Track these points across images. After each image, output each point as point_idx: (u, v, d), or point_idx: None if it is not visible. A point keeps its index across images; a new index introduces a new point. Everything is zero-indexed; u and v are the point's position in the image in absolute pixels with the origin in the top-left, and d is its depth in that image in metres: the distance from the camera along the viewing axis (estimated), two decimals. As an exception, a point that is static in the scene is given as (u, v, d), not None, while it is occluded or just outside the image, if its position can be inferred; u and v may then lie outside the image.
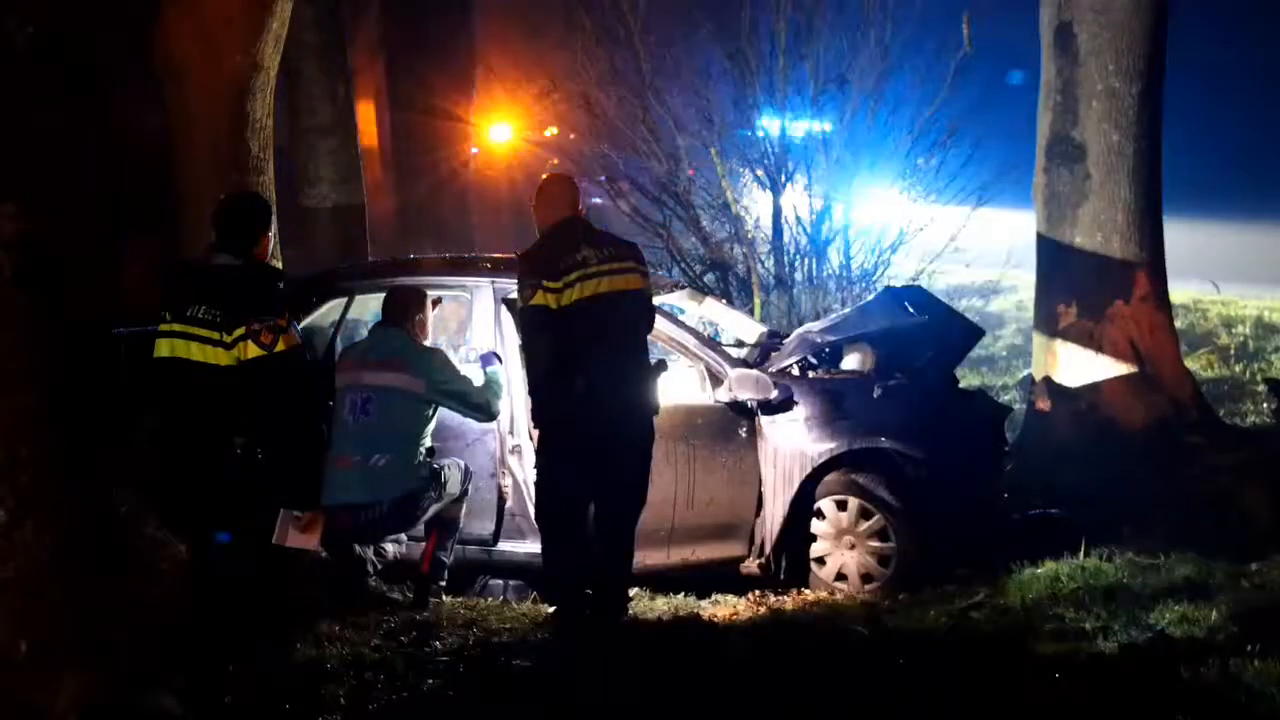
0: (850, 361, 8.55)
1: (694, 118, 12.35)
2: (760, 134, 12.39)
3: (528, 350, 6.94)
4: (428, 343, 7.78)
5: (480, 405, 7.63)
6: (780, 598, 8.04)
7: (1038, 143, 10.88)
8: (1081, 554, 8.09)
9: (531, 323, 6.82)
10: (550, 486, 7.00)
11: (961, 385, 9.36)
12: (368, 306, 8.81)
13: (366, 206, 12.05)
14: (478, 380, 7.69)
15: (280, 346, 5.76)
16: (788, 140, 12.27)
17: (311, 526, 5.85)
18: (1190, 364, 12.14)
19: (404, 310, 7.74)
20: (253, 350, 5.73)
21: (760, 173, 12.30)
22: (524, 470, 7.97)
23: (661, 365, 7.16)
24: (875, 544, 8.10)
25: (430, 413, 7.60)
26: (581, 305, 6.71)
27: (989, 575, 7.99)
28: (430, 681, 6.32)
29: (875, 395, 8.16)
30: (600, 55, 12.32)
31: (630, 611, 7.39)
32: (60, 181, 4.38)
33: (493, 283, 8.31)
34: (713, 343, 8.57)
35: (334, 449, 7.41)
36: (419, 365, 7.53)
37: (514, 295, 7.04)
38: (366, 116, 25.77)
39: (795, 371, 8.42)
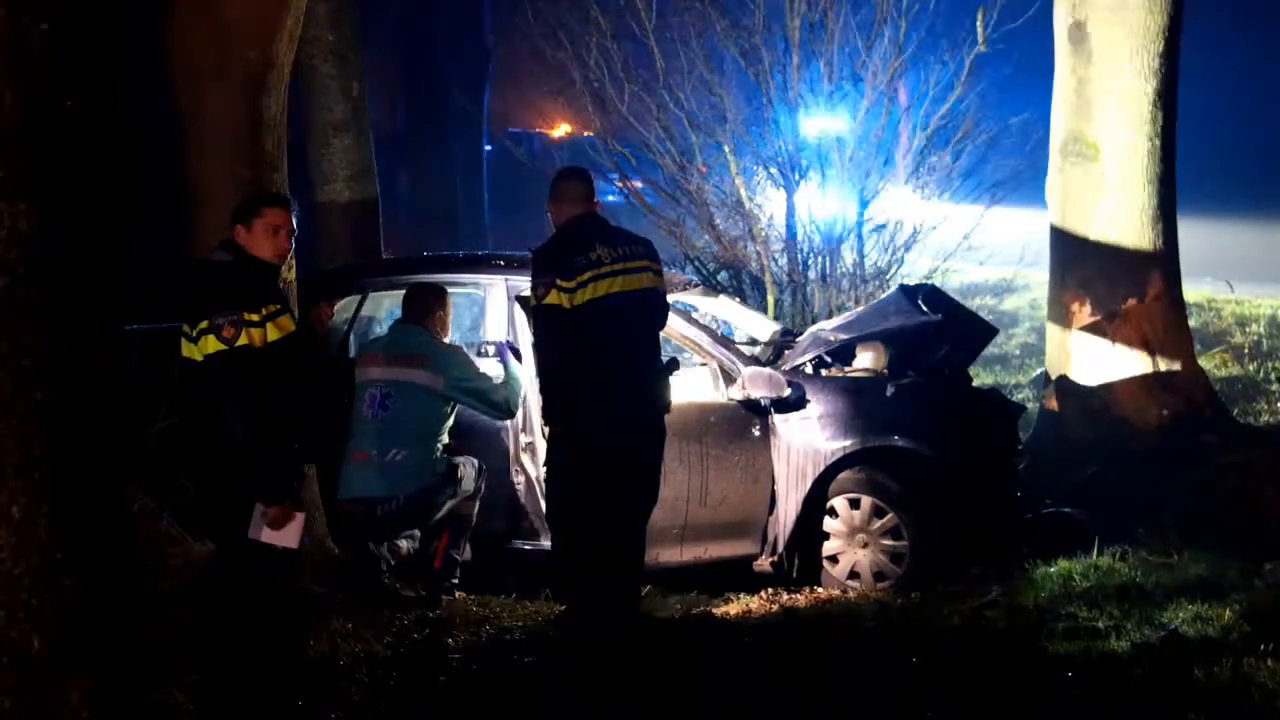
0: (863, 360, 8.55)
1: (707, 115, 12.34)
2: (774, 131, 12.37)
3: (540, 349, 6.89)
4: (448, 340, 7.80)
5: (499, 403, 7.62)
6: (793, 596, 8.04)
7: (1051, 141, 10.86)
8: (1095, 553, 8.10)
9: (544, 322, 6.77)
10: (561, 485, 6.97)
11: (975, 383, 9.35)
12: (382, 304, 8.83)
13: (380, 203, 12.04)
14: (496, 377, 7.70)
15: (242, 341, 5.55)
16: (801, 138, 12.26)
17: (285, 523, 5.76)
18: (1204, 363, 12.11)
19: (425, 307, 7.74)
20: (212, 345, 5.56)
21: (774, 170, 12.29)
22: (537, 468, 7.98)
23: (674, 364, 7.14)
24: (888, 542, 8.10)
25: (449, 409, 7.61)
26: (595, 305, 6.64)
27: (1002, 574, 8.00)
28: (443, 679, 6.33)
29: (888, 394, 8.16)
30: (614, 52, 12.31)
31: (642, 609, 7.39)
32: (74, 179, 4.39)
33: (506, 280, 8.32)
34: (726, 340, 8.57)
35: (351, 444, 7.44)
36: (439, 362, 7.53)
37: (527, 293, 7.01)
38: (381, 113, 25.88)
39: (809, 370, 8.42)
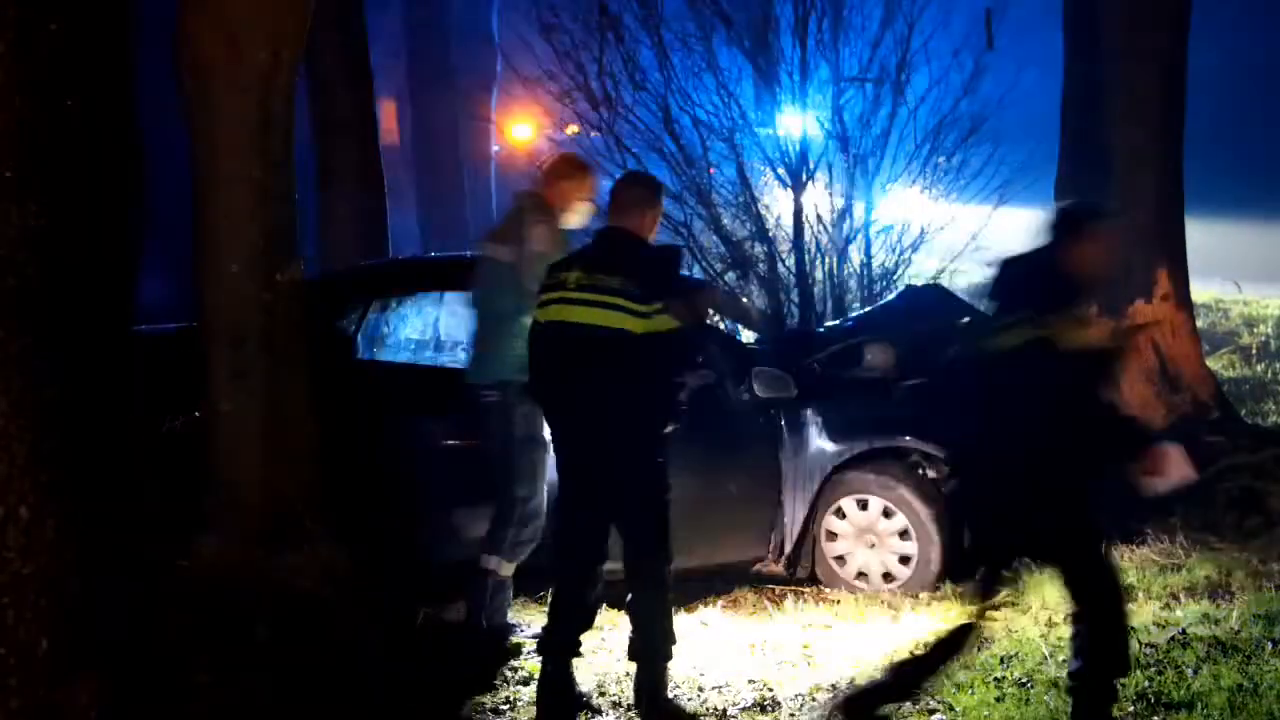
0: (871, 360, 8.53)
1: (715, 115, 12.34)
2: (781, 132, 12.38)
3: None
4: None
5: None
6: (800, 597, 8.03)
7: (1060, 141, 10.86)
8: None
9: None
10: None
11: (982, 384, 9.33)
12: (388, 306, 8.80)
13: (387, 205, 12.05)
14: None
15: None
16: (808, 139, 12.26)
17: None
18: (1212, 363, 12.12)
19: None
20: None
21: (781, 171, 12.29)
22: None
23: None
24: (896, 543, 8.08)
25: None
26: (553, 328, 5.96)
27: (1010, 575, 7.97)
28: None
29: (897, 394, 8.15)
30: (621, 52, 12.31)
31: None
32: (83, 179, 4.39)
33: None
34: (734, 340, 8.55)
35: None
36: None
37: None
38: (388, 115, 25.93)
39: (816, 370, 8.41)
